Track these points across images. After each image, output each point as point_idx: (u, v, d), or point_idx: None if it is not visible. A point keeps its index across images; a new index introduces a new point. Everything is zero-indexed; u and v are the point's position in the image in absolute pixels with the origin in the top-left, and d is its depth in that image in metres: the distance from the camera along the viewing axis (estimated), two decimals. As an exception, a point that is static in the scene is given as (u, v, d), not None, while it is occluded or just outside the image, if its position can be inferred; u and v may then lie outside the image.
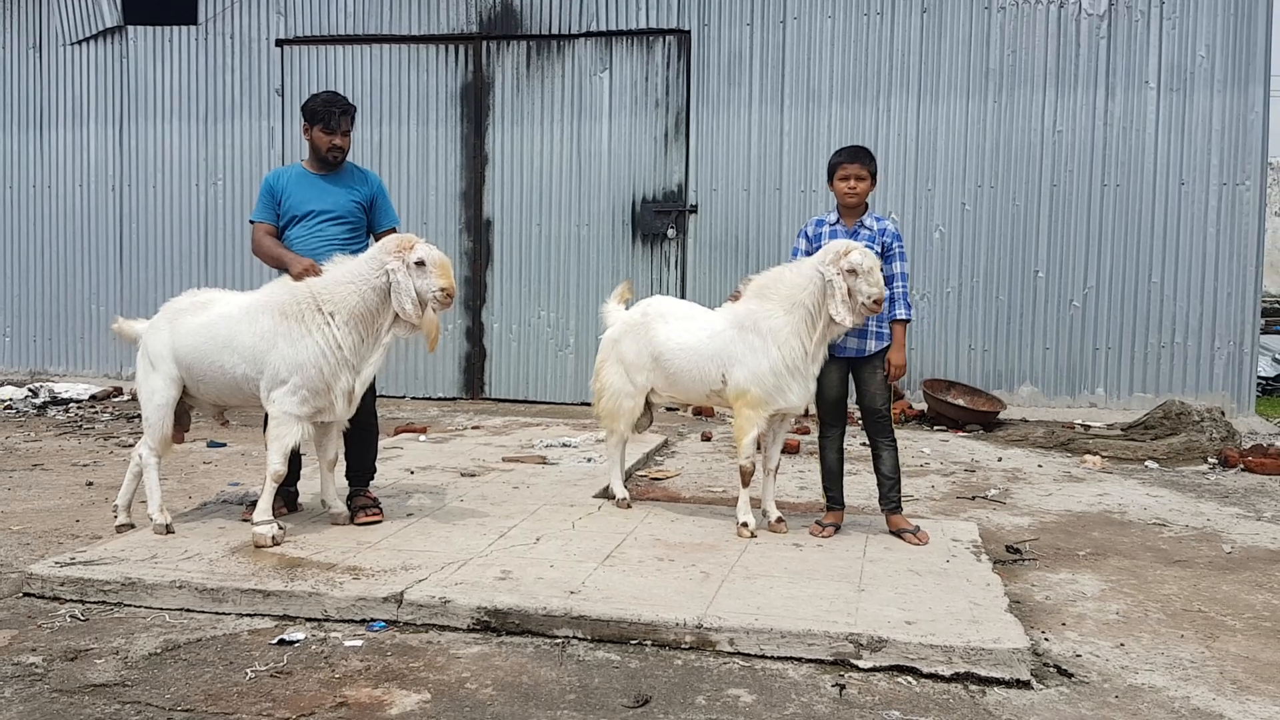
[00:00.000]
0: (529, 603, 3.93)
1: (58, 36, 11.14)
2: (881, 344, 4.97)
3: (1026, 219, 9.40)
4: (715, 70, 9.86)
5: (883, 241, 4.94)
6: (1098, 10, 9.16)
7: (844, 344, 4.95)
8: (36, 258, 11.36)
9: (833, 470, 5.14)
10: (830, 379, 5.03)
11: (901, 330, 4.97)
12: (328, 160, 5.21)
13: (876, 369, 4.98)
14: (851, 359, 5.01)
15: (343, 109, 5.18)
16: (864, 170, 4.94)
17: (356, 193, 5.25)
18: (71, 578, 4.22)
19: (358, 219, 5.23)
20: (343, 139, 5.18)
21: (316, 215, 5.14)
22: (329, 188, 5.21)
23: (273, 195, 5.20)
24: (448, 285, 4.65)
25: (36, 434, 8.33)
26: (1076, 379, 9.37)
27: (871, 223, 4.99)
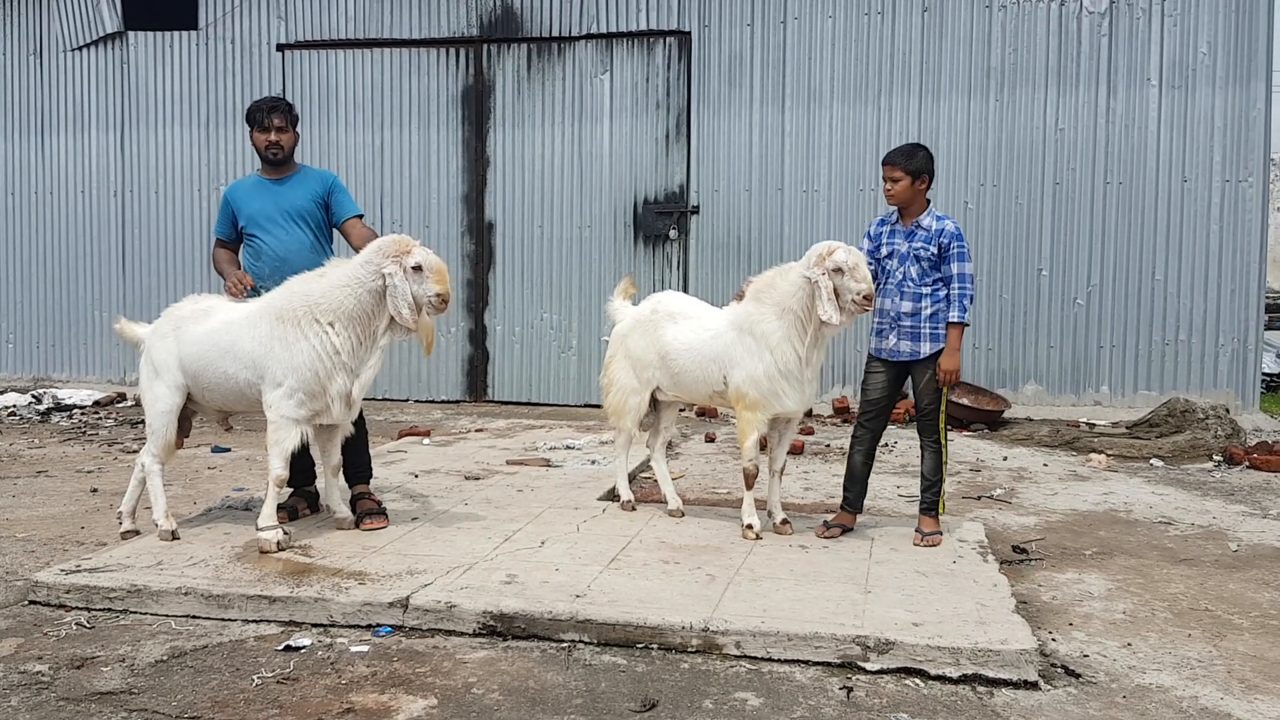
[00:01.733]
0: (535, 607, 3.92)
1: (59, 42, 11.15)
2: (937, 346, 4.84)
3: (1029, 217, 9.39)
4: (716, 71, 9.86)
5: (940, 241, 4.82)
6: (1099, 8, 9.15)
7: (897, 348, 4.89)
8: (39, 263, 11.37)
9: (855, 472, 5.09)
10: (878, 379, 5.00)
11: (957, 334, 4.82)
12: (268, 159, 5.25)
13: (927, 369, 4.87)
14: (905, 361, 4.92)
15: (270, 106, 5.24)
16: (896, 171, 4.85)
17: (311, 191, 5.26)
18: (77, 585, 4.21)
19: (317, 217, 5.25)
20: (278, 134, 5.21)
21: (274, 219, 5.17)
22: (282, 191, 5.25)
23: (227, 208, 5.31)
24: (444, 291, 4.64)
25: (40, 440, 8.34)
26: (1081, 377, 9.35)
27: (930, 221, 4.87)
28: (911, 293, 4.85)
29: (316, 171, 5.42)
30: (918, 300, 4.84)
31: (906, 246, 4.88)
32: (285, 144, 5.24)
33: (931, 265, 4.84)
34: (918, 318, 4.85)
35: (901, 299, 4.87)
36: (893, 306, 4.90)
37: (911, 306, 4.85)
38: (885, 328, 4.95)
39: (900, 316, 4.88)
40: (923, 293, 4.84)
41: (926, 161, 4.90)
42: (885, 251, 4.96)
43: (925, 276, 4.84)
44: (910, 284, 4.86)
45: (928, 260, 4.83)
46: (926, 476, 4.97)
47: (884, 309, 4.94)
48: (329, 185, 5.30)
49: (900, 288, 4.88)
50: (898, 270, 4.90)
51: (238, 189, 5.33)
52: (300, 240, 5.18)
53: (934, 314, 4.84)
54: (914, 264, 4.85)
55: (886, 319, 4.94)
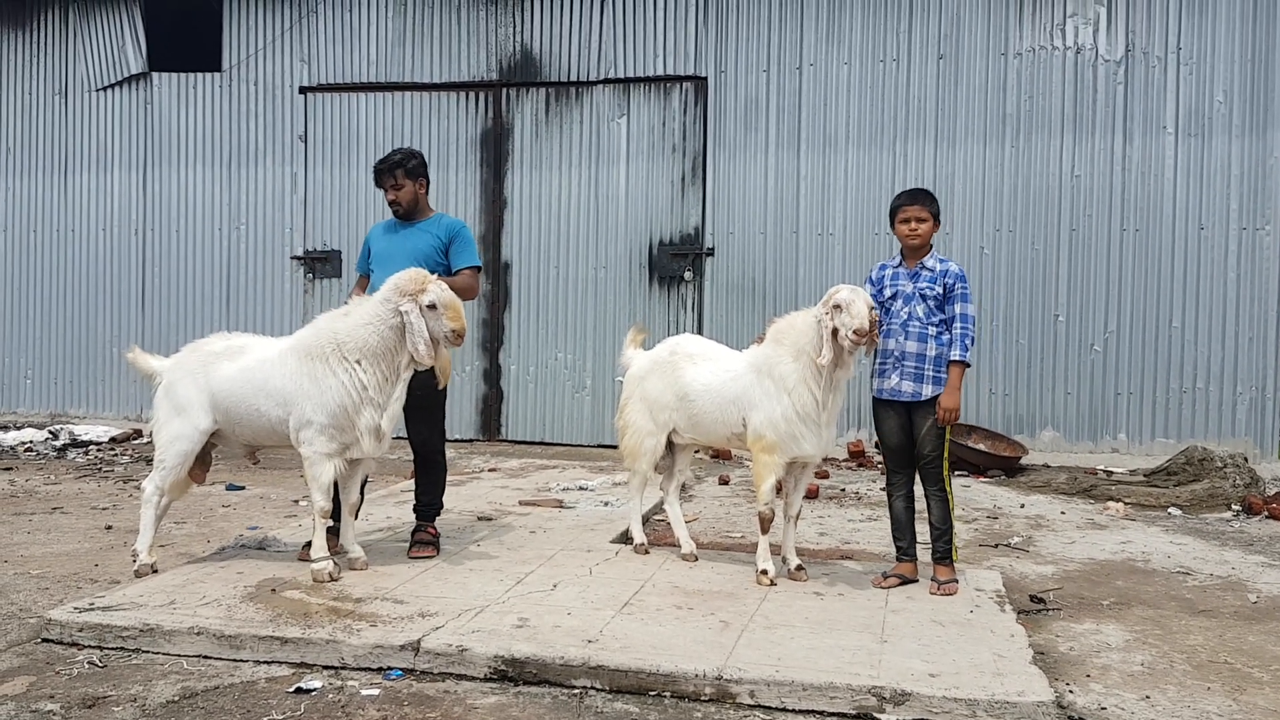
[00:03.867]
0: (546, 652, 3.90)
1: (83, 83, 11.33)
2: (938, 389, 4.83)
3: (1046, 263, 9.39)
4: (732, 115, 9.94)
5: (945, 282, 4.85)
6: (1114, 56, 9.20)
7: (899, 388, 4.88)
8: (59, 300, 11.47)
9: (900, 520, 5.04)
10: (889, 426, 4.98)
11: (958, 372, 4.82)
12: (394, 212, 5.55)
13: (929, 415, 4.86)
14: (909, 403, 4.91)
15: (388, 167, 5.48)
16: (924, 211, 4.89)
17: (434, 238, 5.45)
18: (90, 623, 4.21)
19: (436, 263, 5.37)
20: (394, 192, 5.47)
21: (394, 260, 5.31)
22: (409, 234, 5.49)
23: (366, 246, 5.63)
24: (459, 327, 4.73)
25: (56, 476, 8.37)
26: (1098, 424, 9.30)
27: (934, 263, 4.91)
28: (917, 332, 4.85)
29: (448, 219, 5.61)
30: (923, 340, 4.84)
31: (912, 287, 4.89)
32: (403, 200, 5.49)
33: (937, 305, 4.86)
34: (922, 359, 4.84)
35: (906, 339, 4.87)
36: (896, 346, 4.89)
37: (917, 346, 4.85)
38: (888, 368, 4.94)
39: (905, 356, 4.87)
40: (928, 333, 4.84)
41: (937, 206, 5.00)
42: (889, 293, 4.96)
43: (931, 316, 4.85)
44: (916, 323, 4.86)
45: (934, 300, 4.85)
46: (936, 525, 4.93)
47: (887, 349, 4.93)
48: (453, 234, 5.50)
49: (905, 327, 4.88)
50: (902, 310, 4.90)
51: (375, 230, 5.69)
52: None
53: (938, 356, 4.84)
54: (920, 303, 4.86)
55: (890, 359, 4.92)
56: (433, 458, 5.54)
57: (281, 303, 10.86)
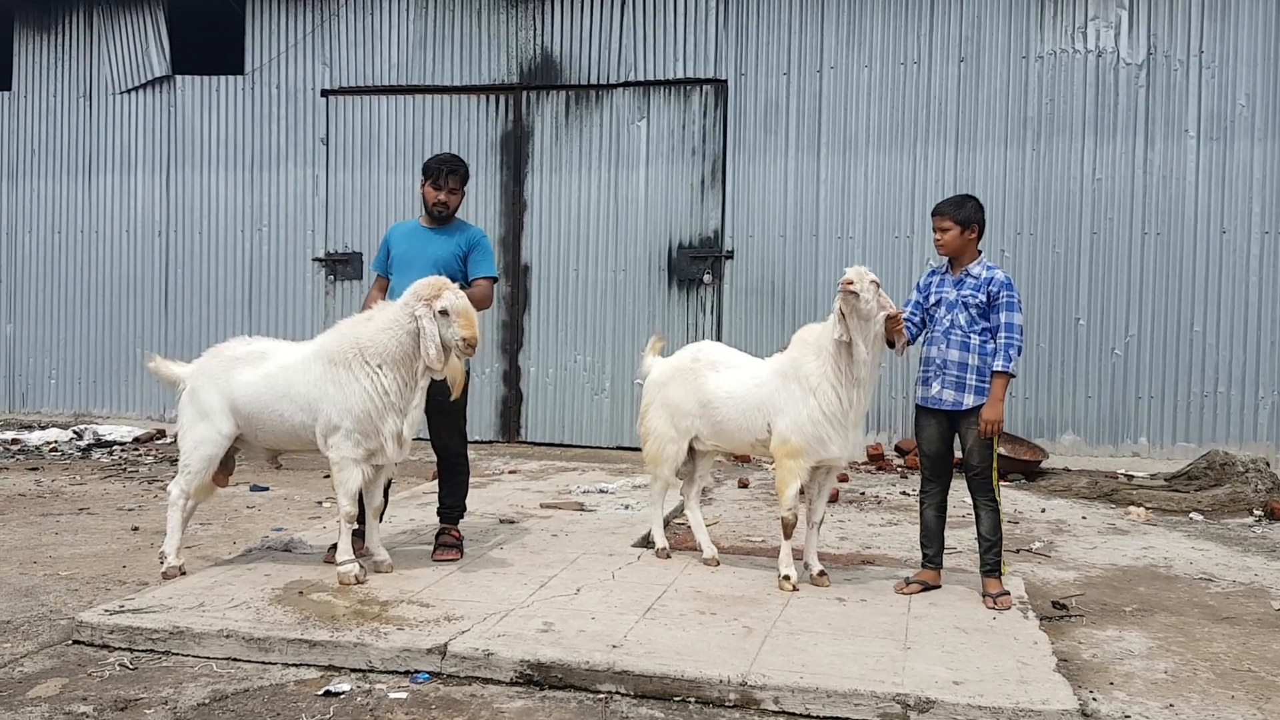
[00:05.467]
0: (571, 656, 3.93)
1: (108, 86, 11.43)
2: (981, 399, 4.79)
3: (1067, 266, 9.36)
4: (752, 118, 9.95)
5: (989, 290, 4.80)
6: (1136, 59, 9.17)
7: (940, 396, 4.85)
8: (83, 302, 11.58)
9: (930, 528, 5.02)
10: (929, 433, 4.96)
11: (1001, 383, 4.76)
12: (432, 214, 5.50)
13: (973, 425, 4.81)
14: (950, 413, 4.89)
15: (451, 168, 5.47)
16: (945, 220, 4.85)
17: (455, 245, 5.47)
18: (120, 626, 4.26)
19: (454, 269, 5.39)
20: (449, 196, 5.46)
21: (414, 265, 5.33)
22: (433, 239, 5.49)
23: (386, 247, 5.59)
24: (469, 335, 4.73)
25: (82, 477, 8.45)
26: (1119, 428, 9.27)
27: (979, 270, 4.86)
28: (959, 341, 4.83)
29: (471, 228, 5.63)
30: (965, 349, 4.81)
31: (955, 294, 4.88)
32: (451, 205, 5.51)
33: (980, 313, 4.82)
34: (964, 367, 4.81)
35: (948, 347, 4.85)
36: (939, 354, 4.88)
37: (959, 355, 4.82)
38: (930, 375, 4.92)
39: (946, 364, 4.85)
40: (970, 341, 4.81)
41: (975, 211, 4.89)
42: (934, 299, 4.96)
43: (974, 324, 4.82)
44: (958, 332, 4.83)
45: (976, 308, 4.81)
46: (986, 537, 4.88)
47: (929, 356, 4.93)
48: (473, 243, 5.51)
49: (947, 335, 4.86)
50: (945, 318, 4.88)
51: (396, 230, 5.66)
52: None
53: (980, 365, 4.80)
54: (962, 311, 4.83)
55: (932, 366, 4.91)
56: (455, 461, 5.59)
57: (303, 304, 10.93)
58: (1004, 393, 4.80)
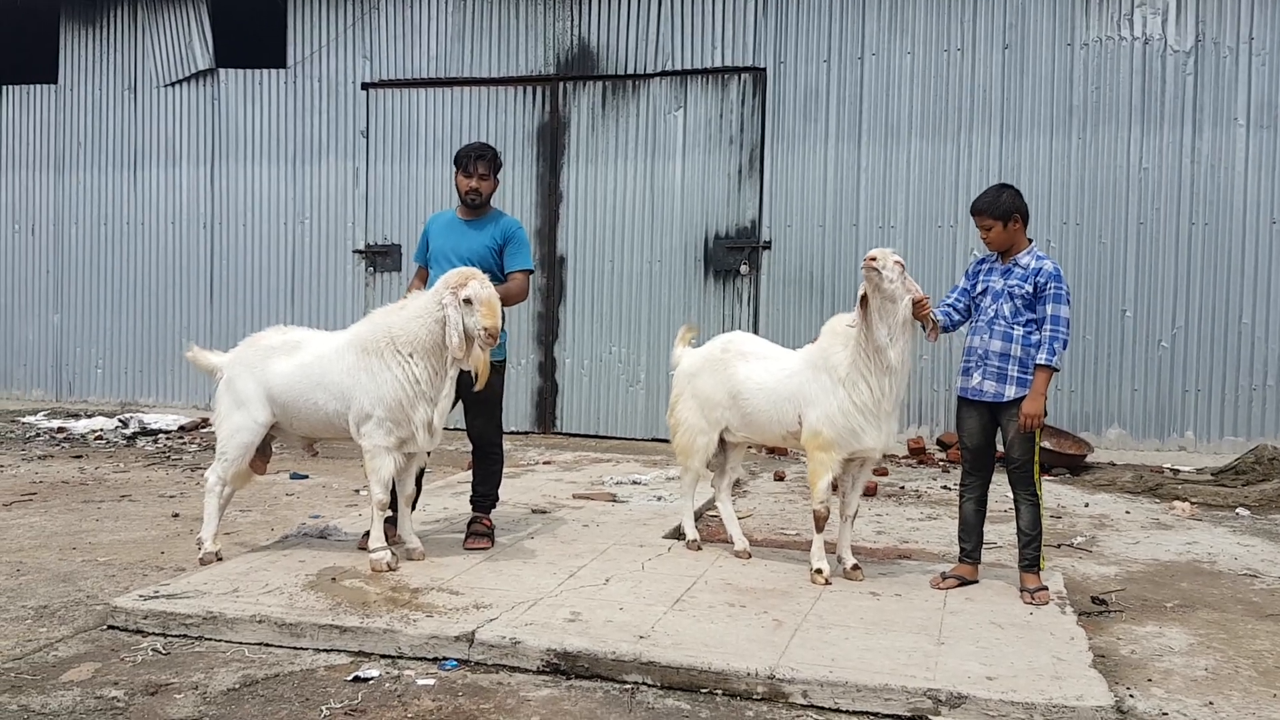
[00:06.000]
0: (598, 646, 3.91)
1: (152, 79, 11.58)
2: (1023, 391, 4.68)
3: (1113, 257, 9.19)
4: (791, 106, 9.86)
5: (1036, 280, 4.70)
6: (1184, 46, 8.97)
7: (981, 388, 4.76)
8: (130, 292, 11.75)
9: (968, 521, 4.94)
10: (970, 425, 4.87)
11: (1044, 377, 4.64)
12: (466, 202, 5.51)
13: (1014, 417, 4.70)
14: (991, 404, 4.79)
15: (478, 154, 5.49)
16: (985, 219, 4.74)
17: (490, 238, 5.47)
18: (154, 611, 4.31)
19: (489, 262, 5.39)
20: (479, 182, 5.47)
21: (450, 259, 5.36)
22: (468, 232, 5.50)
23: (425, 238, 5.63)
24: (491, 325, 4.73)
25: (125, 465, 8.58)
26: (1165, 421, 9.09)
27: (1028, 260, 4.75)
28: (1002, 331, 4.73)
29: (506, 219, 5.63)
30: (1008, 340, 4.71)
31: (1001, 283, 4.78)
32: (484, 191, 5.51)
33: (1026, 304, 4.71)
34: (1006, 358, 4.71)
35: (991, 337, 4.75)
36: (981, 344, 4.78)
37: (1001, 346, 4.72)
38: (972, 366, 4.83)
39: (988, 355, 4.75)
40: (1013, 333, 4.71)
41: (1014, 200, 4.76)
42: (980, 288, 4.87)
43: (1018, 315, 4.71)
44: (1001, 322, 4.73)
45: (1021, 299, 4.71)
46: (1025, 531, 4.80)
47: (972, 346, 4.84)
48: (509, 235, 5.51)
49: (991, 325, 4.76)
50: (990, 307, 4.79)
51: (435, 222, 5.66)
52: None
53: (1023, 357, 4.69)
54: (1007, 301, 4.73)
55: (973, 357, 4.82)
56: (490, 450, 5.60)
57: (344, 295, 11.02)
58: (1046, 387, 4.69)
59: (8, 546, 5.71)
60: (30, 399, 12.00)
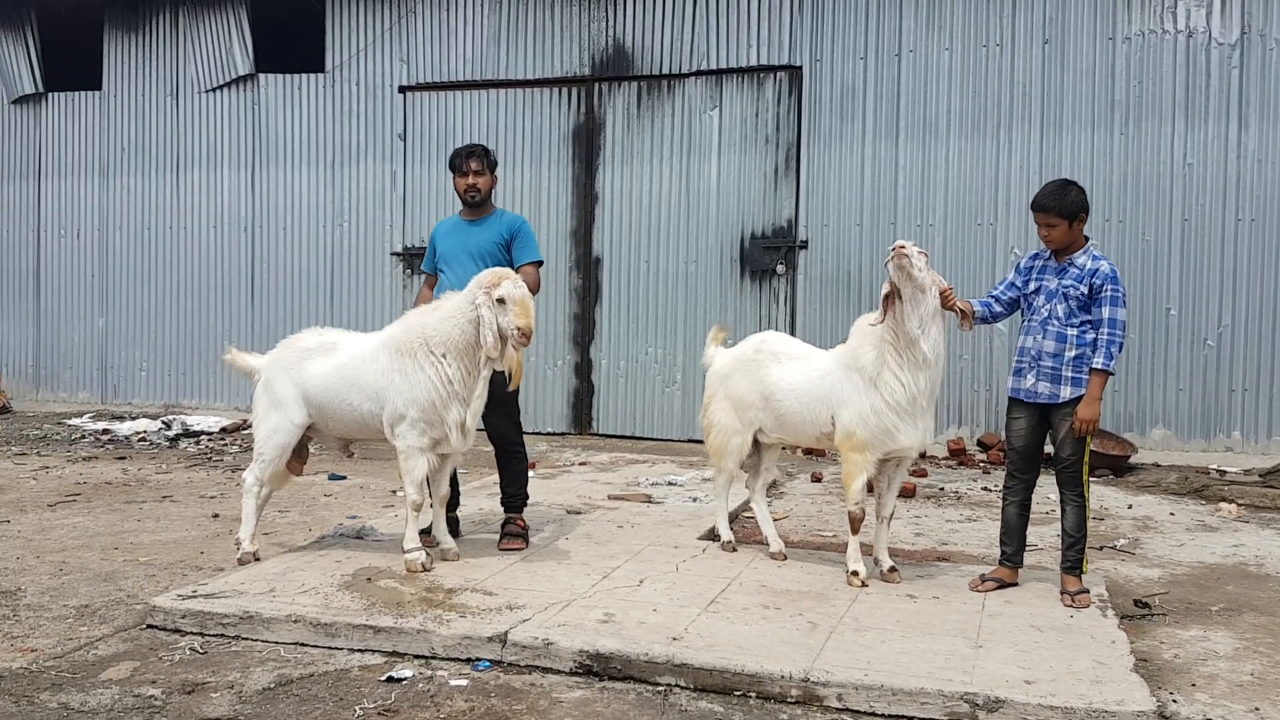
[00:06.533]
0: (631, 648, 3.90)
1: (194, 84, 11.73)
2: (1077, 391, 4.59)
3: (1157, 254, 9.03)
4: (827, 105, 9.79)
5: (1092, 282, 4.60)
6: (1229, 39, 8.79)
7: (1035, 389, 4.68)
8: (172, 295, 11.91)
9: (1010, 524, 4.87)
10: (1019, 426, 4.80)
11: (1100, 381, 4.55)
12: (466, 201, 5.58)
13: (1068, 417, 4.62)
14: (1045, 405, 4.72)
15: (468, 152, 5.56)
16: (1050, 217, 4.63)
17: (496, 233, 5.53)
18: (192, 610, 4.35)
19: (498, 258, 5.46)
20: (475, 178, 5.53)
21: (458, 257, 5.47)
22: (473, 231, 5.57)
23: (432, 245, 5.70)
24: (524, 325, 4.74)
25: (168, 466, 8.69)
26: (1211, 422, 8.92)
27: (1085, 260, 4.65)
28: (1056, 332, 4.64)
29: (509, 215, 5.69)
30: (1061, 340, 4.63)
31: (1056, 283, 4.69)
32: (482, 186, 5.56)
33: (1080, 305, 4.62)
34: (1060, 359, 4.63)
35: (1044, 337, 4.67)
36: (1034, 345, 4.70)
37: (1055, 346, 4.64)
38: (1024, 367, 4.75)
39: (1041, 356, 4.67)
40: (1068, 334, 4.62)
41: (1080, 198, 4.66)
42: (1033, 287, 4.77)
43: (1072, 316, 4.62)
44: (1056, 322, 4.65)
45: (1076, 300, 4.62)
46: (1070, 533, 4.72)
47: (1025, 347, 4.75)
48: (515, 229, 5.57)
49: (1044, 326, 4.68)
50: (1043, 307, 4.70)
51: (440, 228, 5.75)
52: None
53: (1078, 357, 4.61)
54: (1061, 302, 4.65)
55: (1026, 358, 4.73)
56: (512, 450, 5.61)
57: (381, 297, 11.10)
58: (1101, 391, 4.60)
59: (52, 546, 5.80)
60: (76, 401, 12.20)
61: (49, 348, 12.36)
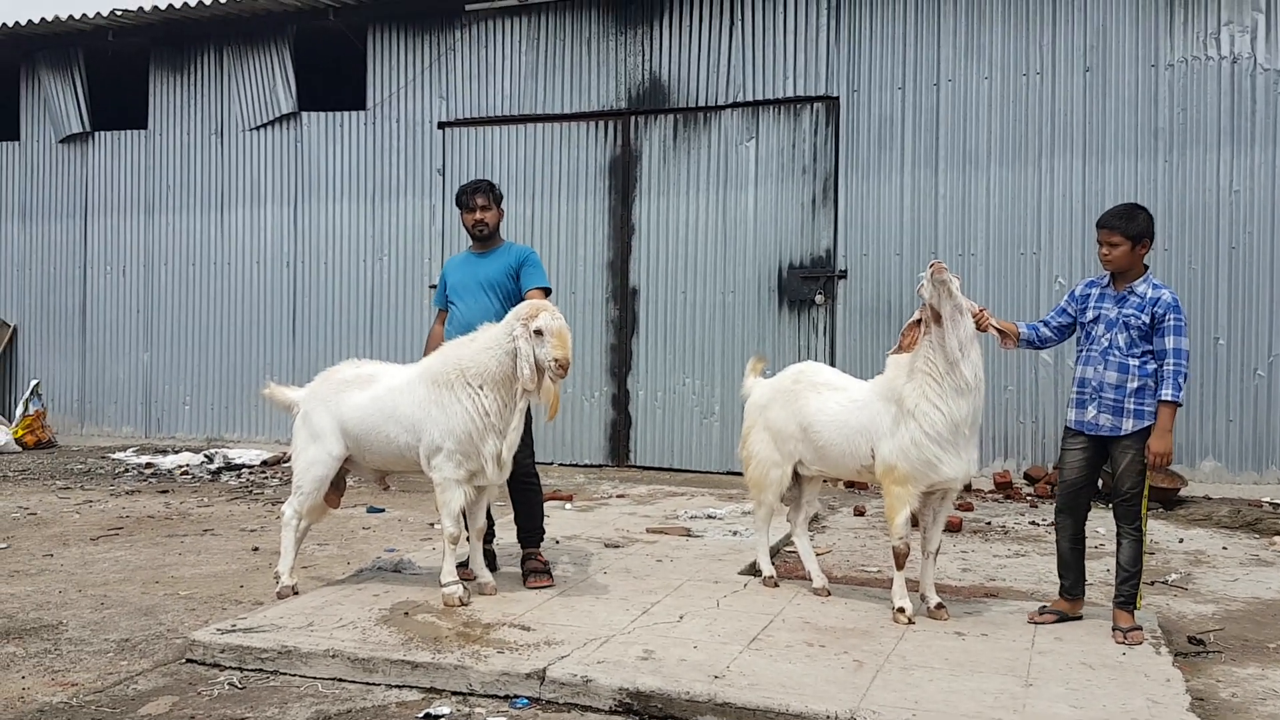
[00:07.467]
0: (672, 686, 3.83)
1: (238, 123, 11.92)
2: (1140, 423, 4.49)
3: (1204, 283, 8.86)
4: (865, 135, 9.75)
5: (1153, 311, 4.51)
6: (1275, 65, 8.66)
7: (1096, 421, 4.59)
8: (216, 330, 12.05)
9: (1064, 557, 4.77)
10: (1074, 458, 4.70)
11: (1169, 414, 4.44)
12: (475, 235, 5.66)
13: (1129, 449, 4.53)
14: (1105, 438, 4.61)
15: (474, 188, 5.63)
16: (1115, 235, 4.58)
17: (505, 264, 5.59)
18: (231, 645, 4.34)
19: (508, 288, 5.53)
20: (482, 213, 5.60)
21: (469, 289, 5.55)
22: (482, 263, 5.63)
23: (443, 280, 5.78)
24: (561, 356, 4.70)
25: (209, 499, 8.74)
26: (1263, 453, 8.70)
27: (1145, 289, 4.58)
28: (1117, 362, 4.54)
29: (518, 247, 5.76)
30: (1123, 371, 4.53)
31: (1116, 312, 4.60)
32: (489, 220, 5.63)
33: (1141, 335, 4.53)
34: (1122, 390, 4.53)
35: (1106, 368, 4.57)
36: (1095, 376, 4.60)
37: (1116, 377, 4.54)
38: (1085, 398, 4.65)
39: (1103, 387, 4.57)
40: (1129, 364, 4.52)
41: (1148, 224, 4.61)
42: (1091, 316, 4.68)
43: (1134, 346, 4.53)
44: (1117, 353, 4.55)
45: (1138, 329, 4.53)
46: (1125, 567, 4.59)
47: (1085, 378, 4.65)
48: (523, 259, 5.62)
49: (1105, 356, 4.58)
50: (1103, 337, 4.61)
51: (450, 263, 5.83)
52: (486, 309, 5.42)
53: (1140, 388, 4.50)
54: (1123, 332, 4.56)
55: (1087, 389, 4.63)
56: (527, 481, 5.52)
57: (420, 331, 11.12)
58: (1172, 423, 4.48)
59: (94, 580, 5.83)
60: (120, 435, 12.34)
61: (94, 383, 12.53)
